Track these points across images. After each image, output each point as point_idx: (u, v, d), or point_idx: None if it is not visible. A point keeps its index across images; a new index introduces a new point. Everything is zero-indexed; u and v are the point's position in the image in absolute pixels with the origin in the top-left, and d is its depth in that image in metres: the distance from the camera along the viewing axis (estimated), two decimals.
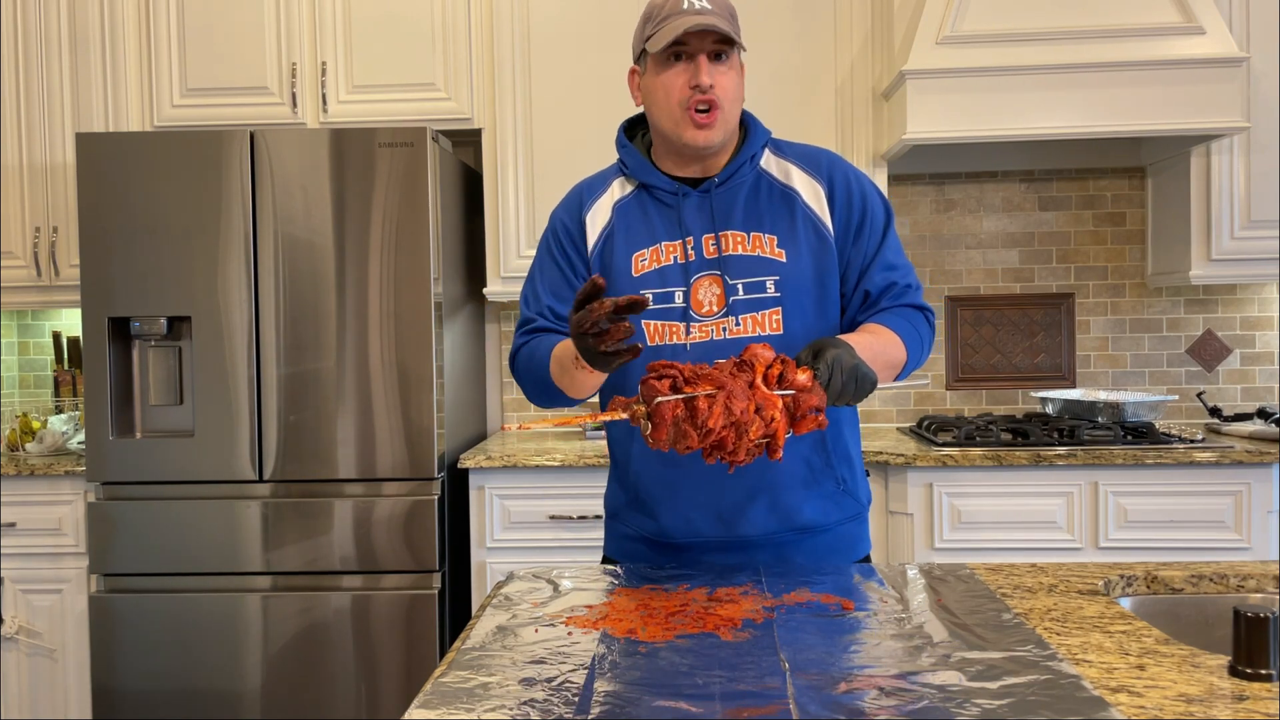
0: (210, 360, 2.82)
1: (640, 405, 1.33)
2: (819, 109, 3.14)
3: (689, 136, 1.59)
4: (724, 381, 1.32)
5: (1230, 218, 3.05)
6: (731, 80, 1.59)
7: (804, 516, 1.63)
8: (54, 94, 3.24)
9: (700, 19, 1.54)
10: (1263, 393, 3.41)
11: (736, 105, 1.63)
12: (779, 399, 1.33)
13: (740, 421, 1.31)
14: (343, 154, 2.80)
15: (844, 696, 1.02)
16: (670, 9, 1.57)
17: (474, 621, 1.34)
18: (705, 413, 1.30)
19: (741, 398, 1.31)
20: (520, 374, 1.69)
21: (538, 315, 1.68)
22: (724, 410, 1.30)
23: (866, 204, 1.66)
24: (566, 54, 3.16)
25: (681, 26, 1.53)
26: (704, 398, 1.31)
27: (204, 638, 2.81)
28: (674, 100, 1.59)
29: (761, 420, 1.33)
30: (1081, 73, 2.84)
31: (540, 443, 3.18)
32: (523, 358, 1.67)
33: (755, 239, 1.62)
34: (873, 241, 1.65)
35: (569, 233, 1.70)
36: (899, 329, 1.60)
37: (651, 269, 1.63)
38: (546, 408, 1.72)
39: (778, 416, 1.33)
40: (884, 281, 1.65)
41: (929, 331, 1.67)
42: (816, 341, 1.43)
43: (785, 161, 1.68)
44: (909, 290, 1.66)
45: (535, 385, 1.65)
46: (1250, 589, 1.50)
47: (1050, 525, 2.80)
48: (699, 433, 1.31)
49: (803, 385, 1.35)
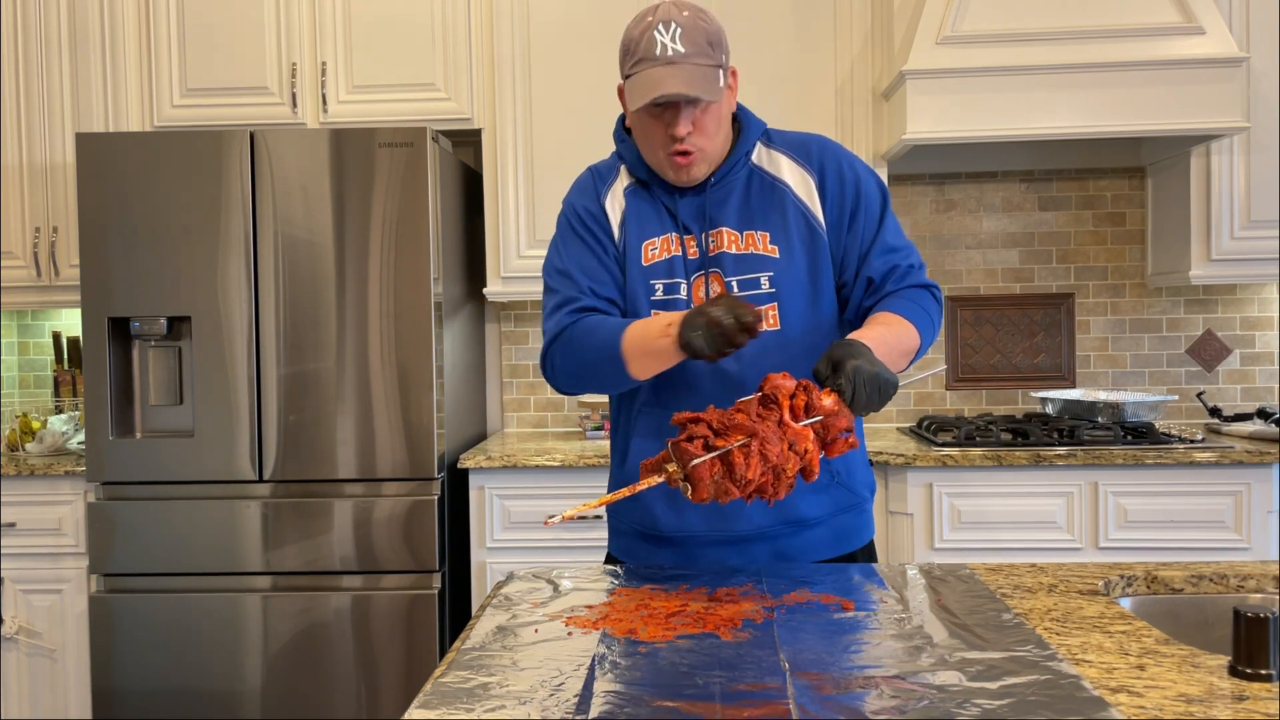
0: (210, 360, 2.82)
1: (674, 468, 1.32)
2: (819, 109, 3.14)
3: (672, 178, 1.62)
4: (754, 428, 1.30)
5: (1230, 218, 3.05)
6: (711, 117, 1.58)
7: (798, 510, 1.63)
8: (54, 94, 3.24)
9: (669, 77, 1.51)
10: (1263, 393, 3.41)
11: (719, 134, 1.61)
12: (809, 431, 1.33)
13: (778, 465, 1.31)
14: (343, 154, 2.80)
15: (844, 696, 1.02)
16: (644, 52, 1.54)
17: (474, 621, 1.34)
18: (743, 466, 1.29)
19: (775, 441, 1.30)
20: (568, 351, 1.60)
21: (580, 295, 1.63)
22: (759, 458, 1.29)
23: (860, 189, 1.65)
24: (566, 54, 3.16)
25: (651, 91, 1.51)
26: (738, 449, 1.29)
27: (204, 638, 2.81)
28: (653, 144, 1.59)
29: (796, 455, 1.32)
30: (1081, 73, 2.84)
31: (540, 443, 3.18)
32: (579, 332, 1.59)
33: (748, 237, 1.63)
34: (869, 226, 1.64)
35: (594, 216, 1.68)
36: (908, 313, 1.59)
37: (661, 259, 1.64)
38: (575, 393, 1.68)
39: (810, 448, 1.33)
40: (885, 265, 1.63)
41: (937, 309, 1.66)
42: (832, 350, 1.41)
43: (775, 152, 1.68)
44: (912, 270, 1.65)
45: (584, 364, 1.59)
46: (1250, 589, 1.50)
47: (1050, 525, 2.80)
48: (739, 485, 1.30)
49: (830, 410, 1.34)
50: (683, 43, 1.53)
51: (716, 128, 1.59)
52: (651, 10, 1.57)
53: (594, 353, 1.57)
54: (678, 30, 1.53)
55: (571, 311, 1.62)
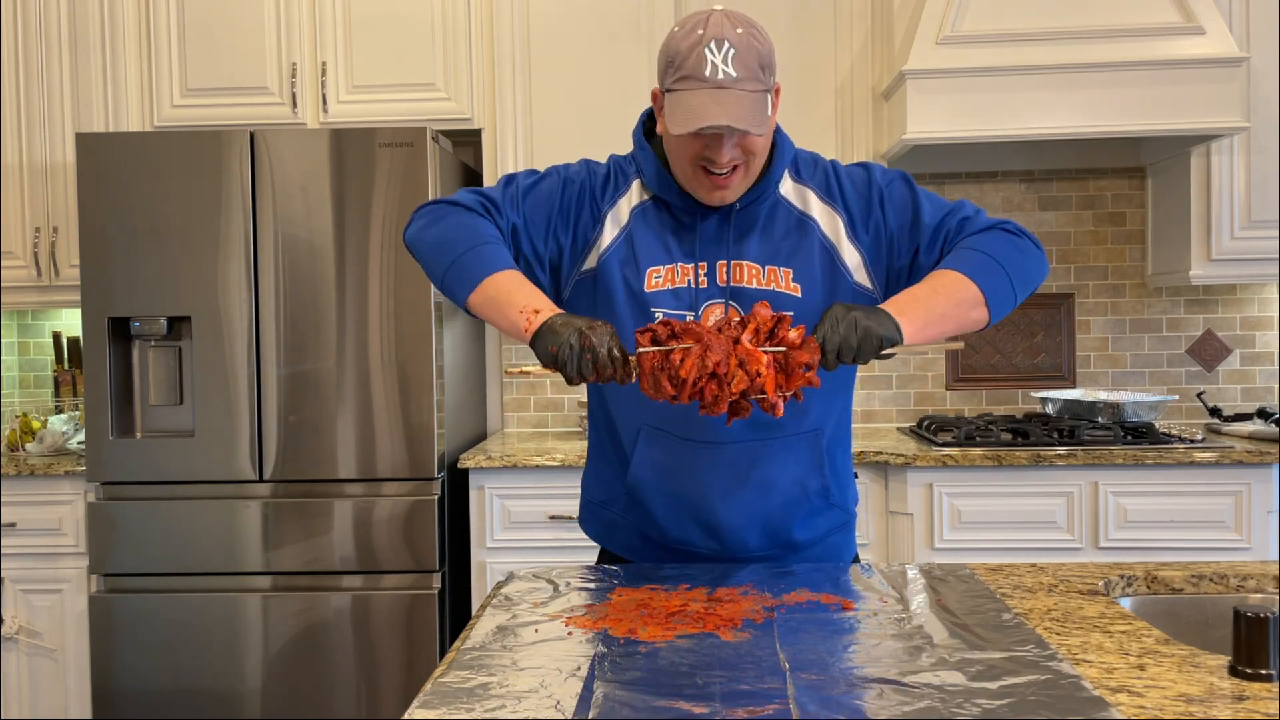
0: (210, 360, 2.82)
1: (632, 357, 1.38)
2: (819, 109, 3.14)
3: (702, 197, 1.52)
4: (701, 335, 1.35)
5: (1230, 218, 3.05)
6: (755, 143, 1.48)
7: (793, 535, 1.63)
8: (54, 94, 3.24)
9: (720, 106, 1.41)
10: (1263, 393, 3.41)
11: (763, 156, 1.52)
12: (763, 354, 1.34)
13: (720, 374, 1.33)
14: (343, 154, 2.80)
15: (844, 696, 1.02)
16: (692, 69, 1.43)
17: (474, 621, 1.34)
18: (678, 365, 1.34)
19: (717, 351, 1.34)
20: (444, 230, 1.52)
21: (505, 216, 1.55)
22: (698, 362, 1.33)
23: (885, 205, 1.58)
24: (566, 54, 3.16)
25: (697, 121, 1.41)
26: (679, 350, 1.34)
27: (204, 638, 2.81)
28: (686, 158, 1.49)
29: (746, 374, 1.34)
30: (1081, 73, 2.84)
31: (540, 443, 3.18)
32: (466, 228, 1.50)
33: (770, 273, 1.56)
34: (915, 230, 1.57)
35: (585, 204, 1.60)
36: (952, 263, 1.50)
37: (665, 288, 1.56)
38: (410, 249, 1.57)
39: (764, 371, 1.34)
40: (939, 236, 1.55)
41: (1008, 241, 1.52)
42: None
43: (804, 187, 1.60)
44: (965, 223, 1.55)
45: (440, 243, 1.51)
46: (1250, 589, 1.50)
47: (1050, 525, 2.80)
48: (673, 383, 1.34)
49: (792, 341, 1.36)
50: (734, 66, 1.42)
51: (760, 148, 1.51)
52: (702, 21, 1.45)
53: (462, 251, 1.49)
54: (730, 51, 1.42)
55: (480, 204, 1.55)
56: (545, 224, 1.59)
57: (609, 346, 1.34)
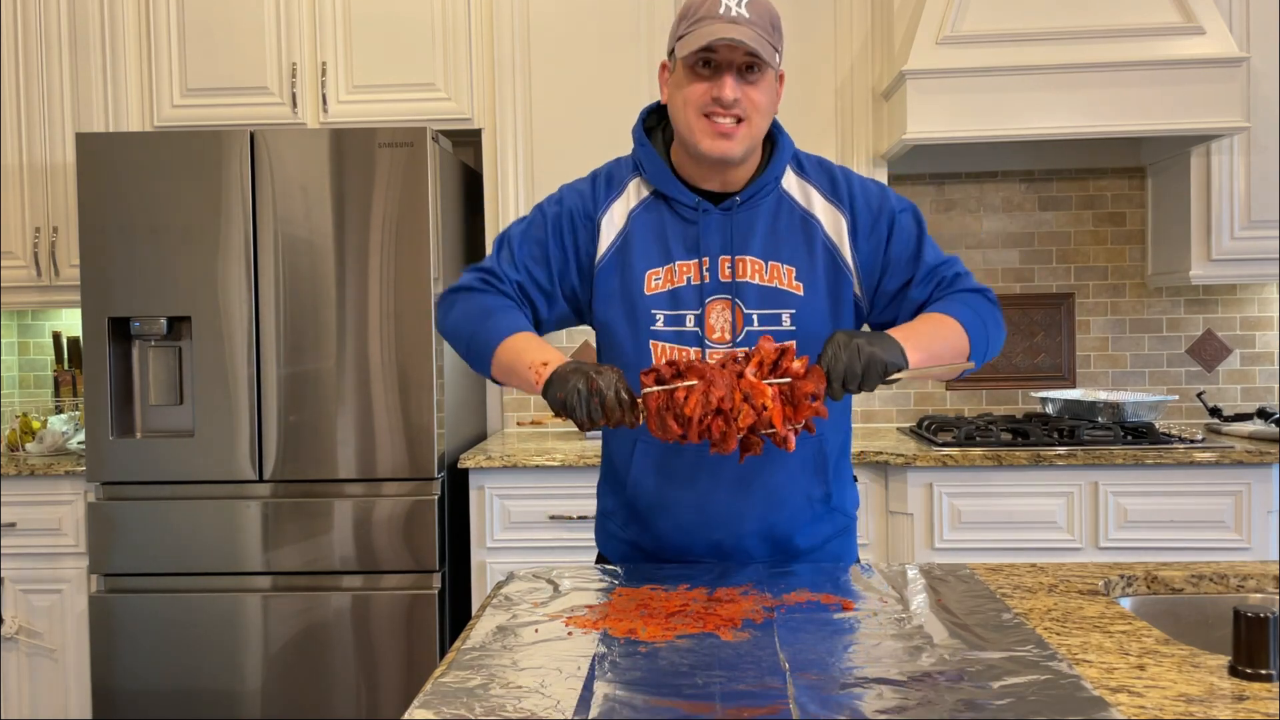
0: (210, 360, 2.82)
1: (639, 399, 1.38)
2: (819, 109, 3.14)
3: (705, 146, 1.51)
4: (704, 372, 1.34)
5: (1230, 218, 3.05)
6: (762, 93, 1.50)
7: (795, 542, 1.63)
8: (54, 94, 3.24)
9: (733, 29, 1.44)
10: (1263, 393, 3.41)
11: (765, 119, 1.53)
12: (768, 387, 1.34)
13: (725, 410, 1.33)
14: (343, 154, 2.80)
15: (844, 696, 1.02)
16: (707, 10, 1.47)
17: (474, 621, 1.34)
18: (682, 403, 1.33)
19: (721, 386, 1.33)
20: (456, 318, 1.59)
21: (506, 279, 1.59)
22: (702, 399, 1.32)
23: (894, 229, 1.59)
24: (566, 54, 3.16)
25: (710, 36, 1.44)
26: (683, 388, 1.34)
27: (204, 638, 2.81)
28: (692, 106, 1.50)
29: (751, 408, 1.33)
30: (1081, 73, 2.84)
31: (540, 443, 3.18)
32: (473, 309, 1.57)
33: (773, 269, 1.56)
34: (913, 264, 1.59)
35: (578, 226, 1.61)
36: (949, 309, 1.54)
37: (664, 289, 1.56)
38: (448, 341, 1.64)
39: (770, 404, 1.34)
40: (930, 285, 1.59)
41: (990, 309, 1.59)
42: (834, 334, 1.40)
43: (807, 184, 1.60)
44: (958, 278, 1.59)
45: (463, 334, 1.58)
46: (1250, 589, 1.50)
47: (1050, 525, 2.80)
48: (679, 422, 1.34)
49: (796, 372, 1.35)
50: (749, 9, 1.47)
51: (765, 109, 1.51)
52: None
53: (473, 331, 1.56)
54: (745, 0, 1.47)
55: (484, 282, 1.60)
56: (545, 263, 1.61)
57: (616, 389, 1.35)
